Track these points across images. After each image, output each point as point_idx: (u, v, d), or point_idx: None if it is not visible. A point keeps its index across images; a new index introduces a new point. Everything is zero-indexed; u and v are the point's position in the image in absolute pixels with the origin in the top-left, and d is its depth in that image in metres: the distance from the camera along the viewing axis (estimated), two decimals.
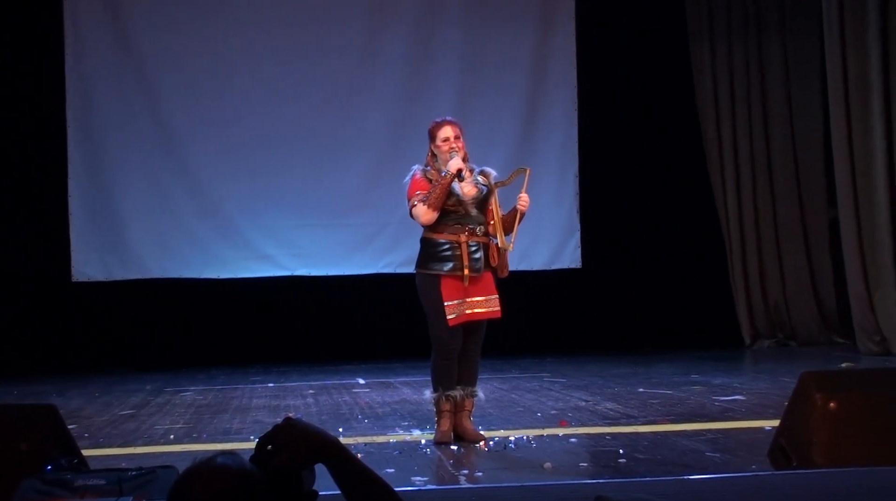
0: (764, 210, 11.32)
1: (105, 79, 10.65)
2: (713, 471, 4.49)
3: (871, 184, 9.77)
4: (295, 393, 8.27)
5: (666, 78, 11.40)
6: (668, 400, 7.15)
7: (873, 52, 9.66)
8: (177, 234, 10.72)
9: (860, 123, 9.79)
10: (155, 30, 10.68)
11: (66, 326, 10.64)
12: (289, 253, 10.83)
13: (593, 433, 5.83)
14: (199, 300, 10.78)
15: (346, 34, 10.90)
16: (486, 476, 4.65)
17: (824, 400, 4.04)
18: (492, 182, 5.69)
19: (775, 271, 11.33)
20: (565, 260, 11.15)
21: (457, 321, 5.50)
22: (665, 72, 11.40)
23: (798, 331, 11.22)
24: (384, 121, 10.88)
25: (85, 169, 10.66)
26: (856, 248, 9.88)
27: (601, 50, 11.29)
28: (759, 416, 6.18)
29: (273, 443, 1.99)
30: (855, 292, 9.94)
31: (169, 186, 10.73)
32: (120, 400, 8.10)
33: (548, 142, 11.12)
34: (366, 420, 6.60)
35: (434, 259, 5.57)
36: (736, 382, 8.06)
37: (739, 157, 11.33)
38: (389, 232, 10.65)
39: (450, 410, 5.57)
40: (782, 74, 11.33)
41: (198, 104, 10.72)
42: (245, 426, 6.51)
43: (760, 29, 11.36)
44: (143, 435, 6.24)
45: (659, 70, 11.39)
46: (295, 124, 10.80)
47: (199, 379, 9.51)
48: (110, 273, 10.66)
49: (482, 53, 11.06)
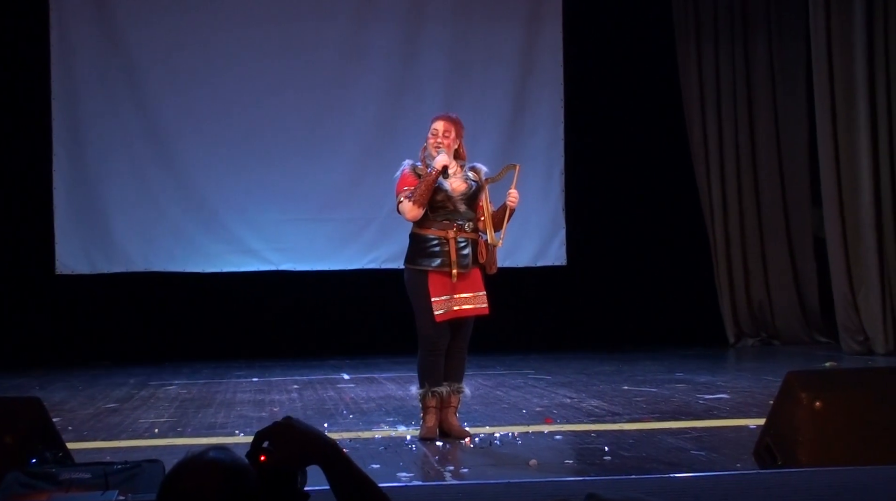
0: (749, 209, 11.36)
1: (90, 71, 10.60)
2: (698, 469, 4.50)
3: (855, 184, 9.81)
4: (279, 387, 8.25)
5: (652, 77, 11.42)
6: (652, 397, 7.17)
7: (859, 54, 9.70)
8: (161, 228, 10.69)
9: (845, 123, 9.83)
10: (140, 22, 10.64)
11: (49, 319, 10.60)
12: (274, 247, 10.81)
13: (578, 430, 5.83)
14: (183, 294, 10.75)
15: (334, 29, 10.88)
16: (471, 472, 4.64)
17: (810, 400, 4.06)
18: (482, 178, 5.69)
19: (759, 270, 11.37)
20: (550, 258, 11.16)
21: (444, 317, 5.49)
22: (651, 71, 11.43)
23: (781, 330, 11.27)
24: (371, 116, 10.87)
25: (69, 161, 10.61)
26: (840, 248, 9.93)
27: (588, 48, 11.30)
28: (744, 415, 6.20)
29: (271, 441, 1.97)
30: (839, 292, 9.98)
31: (154, 179, 10.69)
32: (104, 393, 8.07)
33: (534, 139, 11.13)
34: (351, 415, 6.59)
35: (422, 254, 5.56)
36: (720, 380, 8.09)
37: (725, 157, 11.37)
38: (375, 227, 10.64)
39: (436, 406, 5.57)
40: (768, 74, 11.37)
41: (183, 97, 10.68)
42: (230, 420, 6.49)
43: (747, 29, 11.39)
44: (128, 429, 6.21)
45: (645, 69, 11.41)
46: (281, 118, 10.77)
47: (183, 372, 9.49)
48: (94, 266, 10.62)
49: (469, 50, 11.06)
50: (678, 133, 11.40)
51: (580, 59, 11.27)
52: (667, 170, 11.43)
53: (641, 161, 11.37)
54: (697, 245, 11.41)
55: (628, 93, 11.37)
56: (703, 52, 11.36)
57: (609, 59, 11.39)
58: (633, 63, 11.38)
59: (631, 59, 11.39)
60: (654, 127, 11.42)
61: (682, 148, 11.40)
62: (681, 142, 11.40)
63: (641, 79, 11.39)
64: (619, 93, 11.36)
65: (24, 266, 10.59)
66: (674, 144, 11.40)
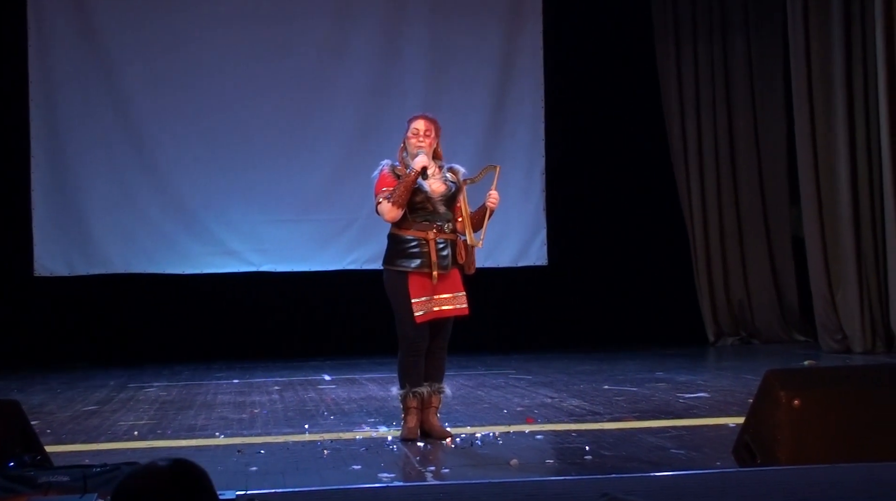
0: (728, 208, 11.41)
1: (69, 72, 10.55)
2: (678, 468, 4.51)
3: (833, 184, 9.87)
4: (260, 389, 8.23)
5: (632, 76, 11.46)
6: (633, 396, 7.19)
7: (837, 52, 9.76)
8: (141, 229, 10.65)
9: (824, 122, 9.89)
10: (120, 23, 10.60)
11: (27, 321, 10.53)
12: (254, 248, 10.79)
13: (559, 429, 5.84)
14: (163, 295, 10.71)
15: (314, 29, 10.87)
16: (452, 472, 4.64)
17: (789, 398, 4.07)
18: (461, 179, 5.69)
19: (738, 269, 11.42)
20: (532, 258, 11.18)
21: (424, 318, 5.49)
22: (631, 70, 11.46)
23: (761, 329, 11.32)
24: (351, 116, 10.86)
25: (48, 162, 10.55)
26: (818, 247, 9.99)
27: (568, 47, 11.33)
28: (723, 413, 6.22)
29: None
30: (817, 290, 10.04)
31: (133, 181, 10.65)
32: (83, 395, 8.03)
33: (515, 139, 11.14)
34: (332, 416, 6.58)
35: (402, 255, 5.55)
36: (700, 379, 8.12)
37: (704, 156, 11.41)
38: (356, 228, 10.63)
39: (416, 407, 5.56)
40: (747, 73, 11.42)
41: (163, 98, 10.64)
42: (210, 422, 6.47)
43: (725, 28, 11.44)
44: (107, 431, 6.18)
45: (625, 68, 11.45)
46: (261, 119, 10.75)
47: (163, 374, 9.45)
48: (73, 267, 10.57)
49: (449, 50, 11.06)
50: (658, 132, 11.43)
51: (560, 59, 11.30)
52: (647, 170, 11.46)
53: (622, 161, 11.40)
54: (677, 244, 11.44)
55: (608, 92, 11.40)
56: (681, 51, 11.40)
57: (589, 59, 11.41)
58: (612, 62, 11.41)
59: (611, 59, 11.42)
60: (634, 126, 11.46)
61: (662, 147, 11.43)
62: (660, 141, 11.43)
63: (621, 78, 11.43)
64: (600, 93, 11.39)
65: (2, 268, 10.52)
66: (654, 144, 11.44)
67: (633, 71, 11.46)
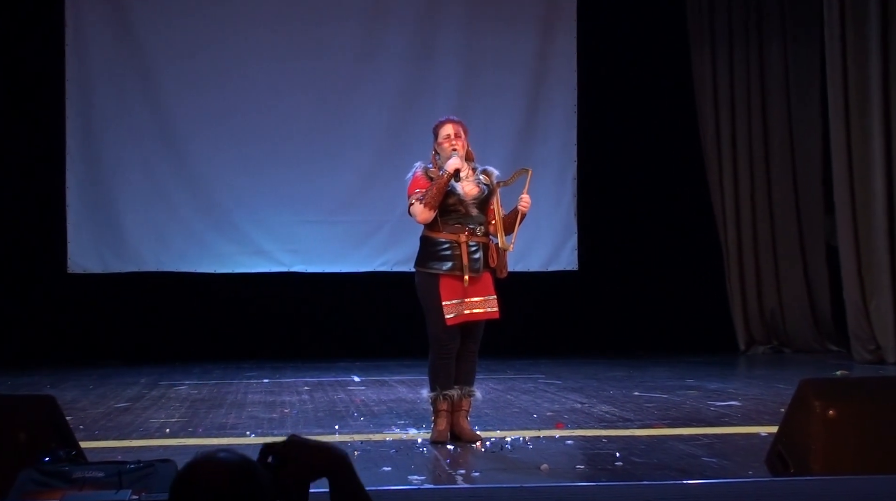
0: (761, 217, 11.34)
1: (105, 71, 10.64)
2: (710, 476, 4.49)
3: (868, 192, 9.79)
4: (290, 389, 8.26)
5: (666, 82, 11.41)
6: (663, 403, 7.15)
7: (874, 61, 9.68)
8: (173, 228, 10.71)
9: (859, 131, 9.81)
10: (156, 22, 10.68)
11: (60, 318, 10.62)
12: (285, 249, 10.83)
13: (589, 435, 5.82)
14: (194, 294, 10.78)
15: (348, 31, 10.90)
16: (482, 476, 4.64)
17: (823, 408, 4.04)
18: (493, 182, 5.68)
19: (771, 277, 11.35)
20: (562, 263, 11.16)
21: (455, 321, 5.48)
22: (665, 76, 11.42)
23: (792, 338, 11.24)
24: (383, 119, 10.89)
25: (83, 160, 10.64)
26: (852, 256, 9.90)
27: (602, 53, 11.30)
28: (755, 422, 6.19)
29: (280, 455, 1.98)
30: (851, 300, 9.96)
31: (167, 179, 10.72)
32: (115, 392, 8.09)
33: (547, 144, 11.13)
34: (361, 417, 6.59)
35: (433, 258, 5.55)
36: (731, 387, 8.07)
37: (738, 163, 11.35)
38: (387, 230, 10.66)
39: (447, 410, 5.56)
40: (782, 81, 11.36)
41: (197, 98, 10.71)
42: (241, 421, 6.50)
43: (761, 35, 11.38)
44: (139, 428, 6.22)
45: (659, 74, 11.40)
46: (294, 120, 10.80)
47: (193, 372, 9.50)
48: (106, 265, 10.65)
49: (483, 54, 11.06)
50: (691, 139, 11.39)
51: (594, 65, 11.27)
52: (679, 176, 11.42)
53: (654, 167, 11.36)
54: (709, 251, 11.39)
55: (642, 98, 11.36)
56: (717, 58, 11.35)
57: (622, 65, 11.38)
58: (646, 69, 11.38)
59: (645, 65, 11.38)
60: (667, 133, 11.41)
61: (696, 154, 11.38)
62: (694, 148, 11.38)
63: (655, 85, 11.39)
64: (633, 99, 11.35)
65: (37, 264, 10.62)
66: (687, 151, 11.39)
67: (666, 78, 11.42)
